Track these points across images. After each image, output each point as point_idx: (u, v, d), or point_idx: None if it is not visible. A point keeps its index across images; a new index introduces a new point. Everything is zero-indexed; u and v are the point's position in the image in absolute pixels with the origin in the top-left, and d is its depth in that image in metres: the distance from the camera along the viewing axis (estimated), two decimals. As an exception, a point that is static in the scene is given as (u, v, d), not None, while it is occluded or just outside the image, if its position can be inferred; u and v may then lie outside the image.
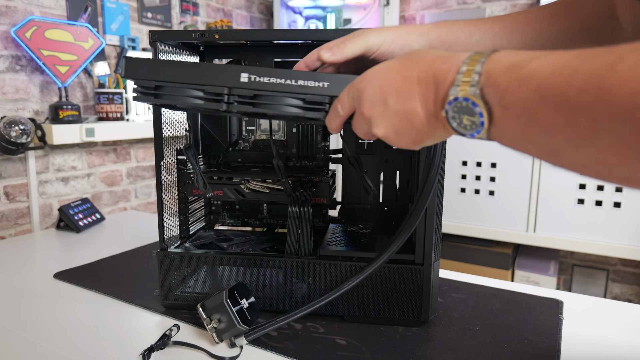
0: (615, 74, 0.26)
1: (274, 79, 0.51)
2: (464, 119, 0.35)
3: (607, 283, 1.93)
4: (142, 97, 0.55)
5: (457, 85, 0.35)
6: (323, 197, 0.74)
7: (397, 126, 0.40)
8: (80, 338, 0.66)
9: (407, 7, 2.22)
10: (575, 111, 0.28)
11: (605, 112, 0.26)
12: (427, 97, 0.38)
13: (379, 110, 0.41)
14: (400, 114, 0.39)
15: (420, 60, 0.39)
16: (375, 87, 0.41)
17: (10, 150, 1.13)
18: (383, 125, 0.41)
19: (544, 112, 0.30)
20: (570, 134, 0.29)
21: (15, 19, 1.20)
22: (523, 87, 0.31)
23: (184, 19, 1.73)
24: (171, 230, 0.76)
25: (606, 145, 0.27)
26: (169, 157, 0.74)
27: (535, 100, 0.30)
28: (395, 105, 0.39)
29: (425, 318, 0.68)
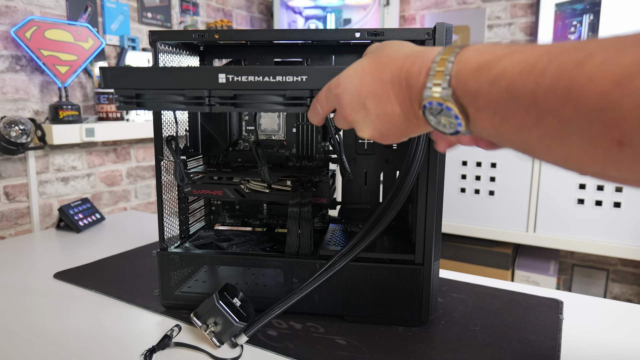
0: (583, 74, 0.25)
1: (252, 77, 0.51)
2: (442, 120, 0.35)
3: (607, 283, 1.93)
4: (124, 105, 0.56)
5: (429, 88, 0.35)
6: (323, 197, 0.74)
7: (380, 128, 0.41)
8: (80, 338, 0.66)
9: (407, 7, 2.22)
10: (544, 112, 0.28)
11: (574, 113, 0.26)
12: (403, 98, 0.38)
13: (361, 115, 0.42)
14: (382, 117, 0.40)
15: (390, 61, 0.39)
16: (352, 92, 0.42)
17: (10, 150, 1.13)
18: (367, 128, 0.42)
19: (515, 113, 0.30)
20: (542, 134, 0.29)
21: (15, 19, 1.20)
22: (494, 89, 0.31)
23: (184, 19, 1.73)
24: (171, 230, 0.76)
25: (576, 145, 0.27)
26: (169, 157, 0.74)
27: (505, 101, 0.30)
28: (375, 109, 0.40)
29: (425, 318, 0.68)
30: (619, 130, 0.24)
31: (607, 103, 0.24)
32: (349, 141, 0.81)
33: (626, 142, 0.24)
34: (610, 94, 0.24)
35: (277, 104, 0.52)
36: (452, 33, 0.61)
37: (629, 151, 0.25)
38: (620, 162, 0.26)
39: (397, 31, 0.61)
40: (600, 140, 0.26)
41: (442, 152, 0.54)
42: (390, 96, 0.39)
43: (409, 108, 0.38)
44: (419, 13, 2.20)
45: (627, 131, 0.24)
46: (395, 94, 0.38)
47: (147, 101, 0.55)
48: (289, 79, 0.51)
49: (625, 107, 0.24)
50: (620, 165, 0.26)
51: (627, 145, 0.24)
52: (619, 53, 0.25)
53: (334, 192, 0.83)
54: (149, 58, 1.49)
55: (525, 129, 0.30)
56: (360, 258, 0.69)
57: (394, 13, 2.06)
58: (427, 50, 0.37)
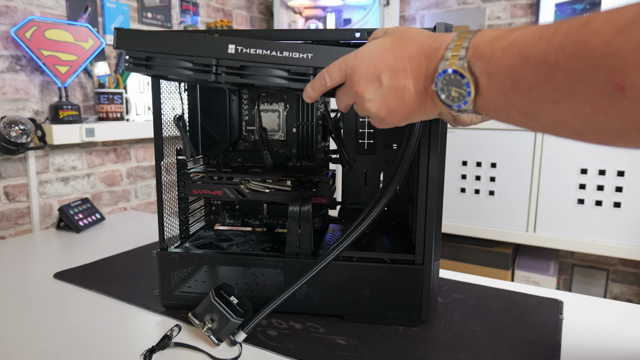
0: (589, 29, 0.29)
1: (260, 50, 0.53)
2: (452, 91, 0.37)
3: (607, 283, 1.93)
4: (134, 67, 0.57)
5: (446, 60, 0.37)
6: (323, 197, 0.74)
7: (389, 102, 0.42)
8: (81, 338, 0.66)
9: (407, 7, 2.22)
10: (554, 67, 0.30)
11: (581, 64, 0.29)
12: (419, 73, 0.40)
13: (373, 87, 0.43)
14: (393, 91, 0.42)
15: (412, 39, 0.42)
16: (370, 65, 0.43)
17: (10, 150, 1.13)
18: (376, 101, 0.43)
19: (525, 73, 0.32)
20: (550, 90, 0.31)
21: (15, 19, 1.20)
22: (507, 54, 0.34)
23: (184, 19, 1.73)
24: (171, 230, 0.76)
25: (582, 96, 0.29)
26: (169, 157, 0.74)
27: (517, 64, 0.33)
28: (388, 82, 0.42)
29: (425, 318, 0.68)
30: (620, 74, 0.27)
31: (610, 49, 0.27)
32: (350, 141, 0.81)
33: (627, 85, 0.27)
34: (613, 41, 0.27)
35: (281, 78, 0.54)
36: (452, 33, 0.61)
37: (629, 95, 0.27)
38: (622, 108, 0.28)
39: (397, 31, 0.61)
40: (604, 87, 0.28)
41: None
42: (406, 71, 0.40)
43: (421, 83, 0.40)
44: (419, 13, 2.20)
45: (628, 74, 0.26)
46: (412, 69, 0.40)
47: (156, 65, 0.56)
48: (295, 55, 0.53)
49: (626, 51, 0.26)
50: (622, 112, 0.28)
51: (628, 88, 0.27)
52: (620, 10, 0.28)
53: (334, 192, 0.83)
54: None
55: (534, 88, 0.32)
56: (361, 258, 0.69)
57: (394, 13, 2.06)
58: (448, 33, 0.40)
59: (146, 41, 0.56)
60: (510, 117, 0.36)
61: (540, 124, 0.34)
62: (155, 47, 0.56)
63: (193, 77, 0.56)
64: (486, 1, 2.06)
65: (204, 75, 0.55)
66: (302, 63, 0.53)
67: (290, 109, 0.84)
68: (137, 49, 0.56)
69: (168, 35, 0.56)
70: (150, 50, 0.56)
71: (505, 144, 1.65)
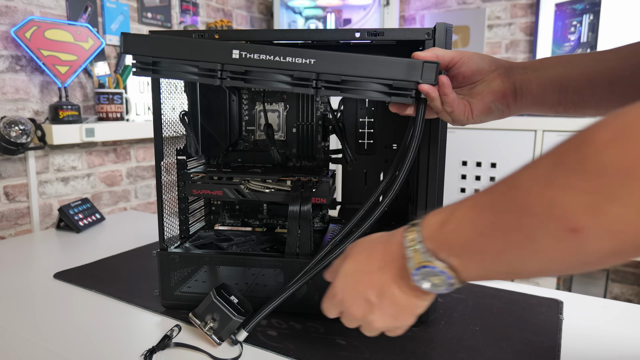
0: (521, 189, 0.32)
1: (263, 56, 0.55)
2: (434, 280, 0.40)
3: (607, 283, 1.93)
4: (141, 71, 0.59)
5: (411, 259, 0.40)
6: (323, 197, 0.74)
7: (390, 312, 0.44)
8: (80, 338, 0.66)
9: (407, 7, 2.22)
10: (508, 233, 0.34)
11: (530, 222, 0.32)
12: (397, 278, 0.42)
13: (367, 309, 0.45)
14: (386, 302, 0.43)
15: (371, 253, 0.45)
16: (351, 293, 0.46)
17: (10, 150, 1.13)
18: (379, 318, 0.45)
19: (486, 245, 0.36)
20: (515, 251, 0.34)
21: (15, 19, 1.20)
22: (461, 234, 0.37)
23: (184, 19, 1.73)
24: (171, 230, 0.76)
25: (546, 247, 0.32)
26: (169, 157, 0.74)
27: (475, 240, 0.36)
28: (377, 299, 0.44)
29: (425, 318, 0.68)
30: (568, 218, 0.30)
31: (547, 201, 0.31)
32: (350, 141, 0.81)
33: (580, 226, 0.29)
34: (546, 194, 0.31)
35: (284, 83, 0.55)
36: (452, 33, 0.62)
37: (586, 233, 0.29)
38: (586, 245, 0.30)
39: (397, 31, 0.61)
40: (561, 234, 0.30)
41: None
42: (387, 282, 0.43)
43: (405, 284, 0.42)
44: (418, 13, 2.20)
45: (578, 216, 0.29)
46: (390, 278, 0.43)
47: (162, 69, 0.58)
48: (298, 61, 0.54)
49: (561, 198, 0.30)
50: (587, 248, 0.30)
51: (581, 228, 0.29)
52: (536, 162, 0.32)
53: (334, 192, 0.83)
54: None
55: (502, 254, 0.35)
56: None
57: (393, 13, 2.06)
58: (395, 232, 0.43)
59: (152, 46, 0.58)
60: (499, 277, 0.38)
61: (527, 275, 0.37)
62: (162, 52, 0.58)
63: (200, 80, 0.57)
64: (486, 1, 2.06)
65: (209, 80, 0.57)
66: (305, 68, 0.54)
67: (290, 109, 0.84)
68: (144, 54, 0.58)
69: (174, 40, 0.58)
70: (156, 55, 0.58)
71: (505, 144, 1.65)
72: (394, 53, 0.73)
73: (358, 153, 0.81)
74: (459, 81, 0.58)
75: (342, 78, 0.55)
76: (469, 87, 0.58)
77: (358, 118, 0.81)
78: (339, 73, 0.55)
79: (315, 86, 0.55)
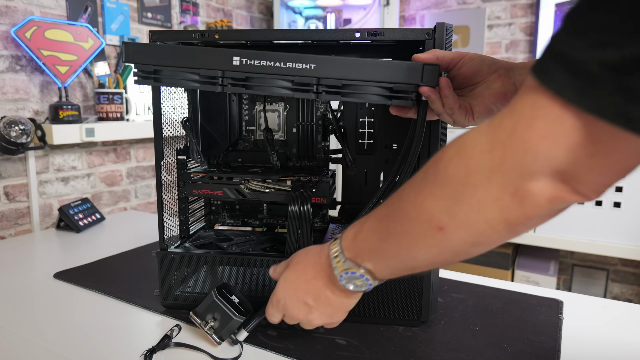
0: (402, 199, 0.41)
1: (264, 62, 0.55)
2: (357, 282, 0.48)
3: (607, 283, 1.93)
4: (142, 80, 0.59)
5: (336, 268, 0.48)
6: (323, 197, 0.74)
7: (326, 312, 0.52)
8: (80, 338, 0.66)
9: (407, 7, 2.22)
10: (398, 235, 0.42)
11: (410, 225, 0.40)
12: (329, 284, 0.50)
13: (306, 310, 0.53)
14: (322, 304, 0.51)
15: (307, 264, 0.53)
16: (292, 298, 0.53)
17: (10, 150, 1.13)
18: (317, 319, 0.53)
19: (386, 248, 0.44)
20: (407, 251, 0.42)
21: (15, 19, 1.20)
22: (367, 242, 0.45)
23: (184, 19, 1.73)
24: (171, 230, 0.76)
25: (426, 245, 0.40)
26: (169, 157, 0.74)
27: (379, 245, 0.44)
28: (314, 302, 0.52)
29: (425, 318, 0.68)
30: (434, 220, 0.38)
31: (419, 208, 0.39)
32: (350, 141, 0.81)
33: (443, 224, 0.37)
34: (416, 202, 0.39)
35: (285, 88, 0.56)
36: (452, 33, 0.62)
37: (448, 230, 0.37)
38: (451, 239, 0.38)
39: (397, 31, 0.61)
40: (432, 232, 0.38)
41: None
42: (320, 288, 0.51)
43: (336, 288, 0.50)
44: (419, 13, 2.20)
45: (442, 218, 0.37)
46: (323, 285, 0.50)
47: (164, 77, 0.59)
48: (299, 66, 0.55)
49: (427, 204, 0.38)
50: (451, 243, 0.38)
51: (445, 226, 0.37)
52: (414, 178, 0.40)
53: (334, 192, 0.83)
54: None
55: (399, 254, 0.43)
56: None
57: (394, 13, 2.06)
58: (324, 245, 0.52)
59: (154, 54, 0.58)
60: (404, 273, 0.45)
61: (422, 268, 0.44)
62: (163, 60, 0.58)
63: (201, 87, 0.58)
64: (486, 1, 2.06)
65: (210, 87, 0.57)
66: (306, 73, 0.55)
67: (290, 109, 0.84)
68: (146, 63, 0.59)
69: (175, 49, 0.58)
70: (157, 63, 0.58)
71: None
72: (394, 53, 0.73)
73: (358, 153, 0.81)
74: (459, 82, 0.58)
75: (343, 82, 0.55)
76: (469, 88, 0.57)
77: (358, 118, 0.81)
78: (340, 77, 0.55)
79: (316, 91, 0.55)
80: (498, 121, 0.34)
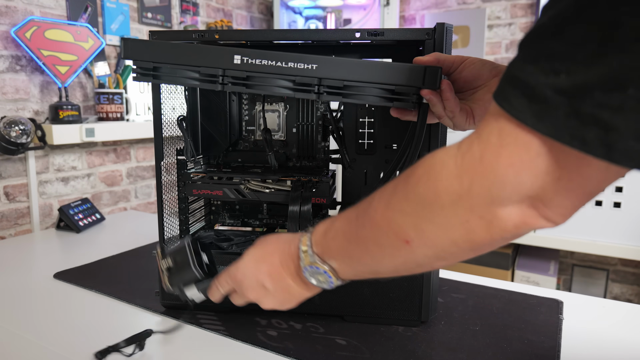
0: (372, 208, 0.42)
1: (265, 61, 0.55)
2: (319, 278, 0.48)
3: (607, 283, 1.93)
4: (141, 77, 0.58)
5: (302, 260, 0.48)
6: (323, 197, 0.74)
7: (281, 298, 0.52)
8: (80, 338, 0.66)
9: (407, 7, 2.22)
10: (365, 241, 0.42)
11: (378, 233, 0.41)
12: (292, 273, 0.50)
13: (262, 293, 0.52)
14: (279, 290, 0.51)
15: (275, 249, 0.52)
16: (251, 277, 0.53)
17: (10, 150, 1.13)
18: (269, 302, 0.53)
19: (353, 250, 0.44)
20: (371, 256, 0.43)
21: (15, 19, 1.20)
22: (336, 241, 0.46)
23: (184, 19, 1.73)
24: (171, 230, 0.76)
25: (390, 253, 0.41)
26: (169, 157, 0.74)
27: (346, 246, 0.45)
28: (272, 286, 0.52)
29: (425, 318, 0.68)
30: (402, 233, 0.39)
31: (387, 220, 0.40)
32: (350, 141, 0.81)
33: (410, 239, 0.38)
34: (386, 214, 0.40)
35: (286, 88, 0.55)
36: (452, 33, 0.62)
37: (413, 244, 0.39)
38: (415, 254, 0.39)
39: (397, 31, 0.61)
40: (397, 244, 0.39)
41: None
42: (283, 275, 0.51)
43: (297, 278, 0.50)
44: (419, 13, 2.20)
45: (408, 232, 0.38)
46: (286, 272, 0.50)
47: (163, 75, 0.58)
48: (300, 66, 0.54)
49: (396, 218, 0.39)
50: (415, 256, 0.40)
51: (411, 240, 0.38)
52: (383, 188, 0.42)
53: (334, 192, 0.83)
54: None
55: (363, 257, 0.44)
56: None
57: (394, 13, 2.06)
58: (296, 235, 0.52)
59: (153, 51, 0.57)
60: (366, 276, 0.46)
61: (384, 274, 0.45)
62: (162, 57, 0.57)
63: (201, 85, 0.57)
64: (486, 1, 2.06)
65: (210, 86, 0.56)
66: (307, 74, 0.54)
67: (290, 109, 0.84)
68: (145, 59, 0.58)
69: (174, 46, 0.57)
70: (157, 60, 0.57)
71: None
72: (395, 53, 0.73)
73: (358, 153, 0.81)
74: (460, 86, 0.58)
75: (344, 83, 0.55)
76: (470, 92, 0.57)
77: (358, 118, 0.81)
78: (341, 78, 0.55)
79: (317, 91, 0.55)
80: (467, 146, 0.34)
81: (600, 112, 0.27)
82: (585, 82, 0.27)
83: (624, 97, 0.26)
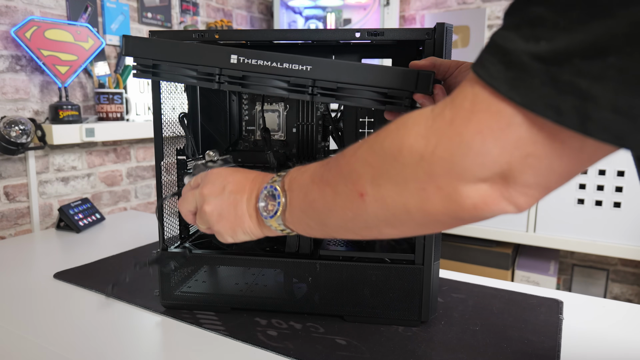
0: (343, 155, 0.40)
1: (261, 61, 0.56)
2: (269, 204, 0.47)
3: (607, 283, 1.93)
4: (141, 74, 0.60)
5: (269, 182, 0.48)
6: (323, 197, 0.74)
7: (224, 208, 0.51)
8: (80, 338, 0.66)
9: (407, 7, 2.22)
10: (324, 185, 0.42)
11: (338, 180, 0.40)
12: (252, 192, 0.50)
13: (217, 192, 0.51)
14: (231, 199, 0.50)
15: (257, 174, 0.52)
16: (219, 177, 0.53)
17: (10, 150, 1.13)
18: (213, 203, 0.51)
19: (310, 190, 0.43)
20: (325, 202, 0.42)
21: (15, 19, 1.20)
22: (303, 177, 0.45)
23: (184, 19, 1.73)
24: (171, 230, 0.76)
25: (342, 204, 0.40)
26: (169, 157, 0.74)
27: (307, 184, 0.44)
28: (229, 192, 0.51)
29: (425, 318, 0.68)
30: (358, 184, 0.38)
31: (350, 168, 0.39)
32: (350, 141, 0.81)
33: (364, 192, 0.37)
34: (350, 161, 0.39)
35: (281, 88, 0.56)
36: (452, 33, 0.62)
37: (367, 199, 0.37)
38: (367, 209, 0.38)
39: (397, 31, 0.61)
40: (352, 196, 0.39)
41: None
42: (246, 188, 0.50)
43: (253, 202, 0.50)
44: (419, 13, 2.20)
45: (364, 185, 0.37)
46: (250, 189, 0.50)
47: (162, 72, 0.60)
48: (295, 67, 0.55)
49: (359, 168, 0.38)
50: (367, 212, 0.38)
51: (365, 194, 0.37)
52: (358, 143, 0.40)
53: (334, 192, 0.83)
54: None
55: (316, 201, 0.43)
56: (360, 258, 0.69)
57: (394, 13, 2.06)
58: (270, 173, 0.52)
59: (153, 49, 0.59)
60: (310, 228, 0.45)
61: (329, 229, 0.43)
62: (162, 55, 0.59)
63: (198, 84, 0.58)
64: (486, 1, 2.06)
65: (207, 84, 0.57)
66: (301, 75, 0.55)
67: (290, 109, 0.84)
68: (145, 57, 0.59)
69: (174, 44, 0.59)
70: (156, 58, 0.59)
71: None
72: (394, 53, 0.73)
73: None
74: None
75: (338, 85, 0.55)
76: None
77: (358, 118, 0.81)
78: (335, 80, 0.55)
79: (311, 93, 0.56)
80: (440, 109, 0.33)
81: (578, 80, 0.26)
82: (566, 49, 0.26)
83: (604, 65, 0.25)
